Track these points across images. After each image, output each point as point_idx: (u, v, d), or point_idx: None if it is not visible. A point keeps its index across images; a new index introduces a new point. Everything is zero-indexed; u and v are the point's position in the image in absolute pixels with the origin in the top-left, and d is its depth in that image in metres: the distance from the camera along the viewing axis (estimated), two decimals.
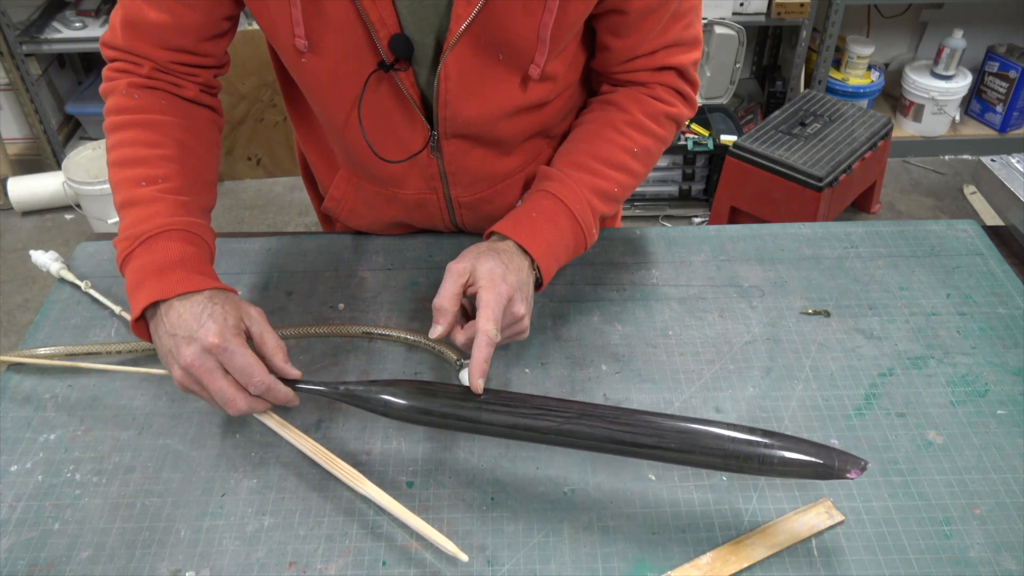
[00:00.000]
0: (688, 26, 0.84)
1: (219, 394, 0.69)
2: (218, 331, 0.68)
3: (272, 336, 0.73)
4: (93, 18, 2.56)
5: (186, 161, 0.79)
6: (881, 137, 2.26)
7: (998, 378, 0.82)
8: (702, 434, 0.65)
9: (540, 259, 0.78)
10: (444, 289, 0.73)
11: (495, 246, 0.77)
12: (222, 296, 0.72)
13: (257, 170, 2.79)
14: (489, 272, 0.73)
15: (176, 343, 0.68)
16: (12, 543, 0.69)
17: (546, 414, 0.67)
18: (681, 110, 0.90)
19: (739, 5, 2.49)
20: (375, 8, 0.73)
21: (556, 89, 0.85)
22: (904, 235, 1.00)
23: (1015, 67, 2.70)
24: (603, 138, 0.86)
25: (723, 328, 0.88)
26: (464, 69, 0.77)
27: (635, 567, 0.67)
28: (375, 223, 1.00)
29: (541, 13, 0.74)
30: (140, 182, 0.76)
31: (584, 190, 0.83)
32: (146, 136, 0.78)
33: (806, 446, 0.64)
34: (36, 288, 2.32)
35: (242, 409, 0.70)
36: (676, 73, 0.87)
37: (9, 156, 2.72)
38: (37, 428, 0.78)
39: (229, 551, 0.68)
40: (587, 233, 0.83)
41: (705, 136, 2.45)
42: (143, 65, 0.80)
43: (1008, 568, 0.66)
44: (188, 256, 0.73)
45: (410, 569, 0.67)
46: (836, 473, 0.63)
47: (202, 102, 0.85)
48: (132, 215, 0.75)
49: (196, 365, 0.68)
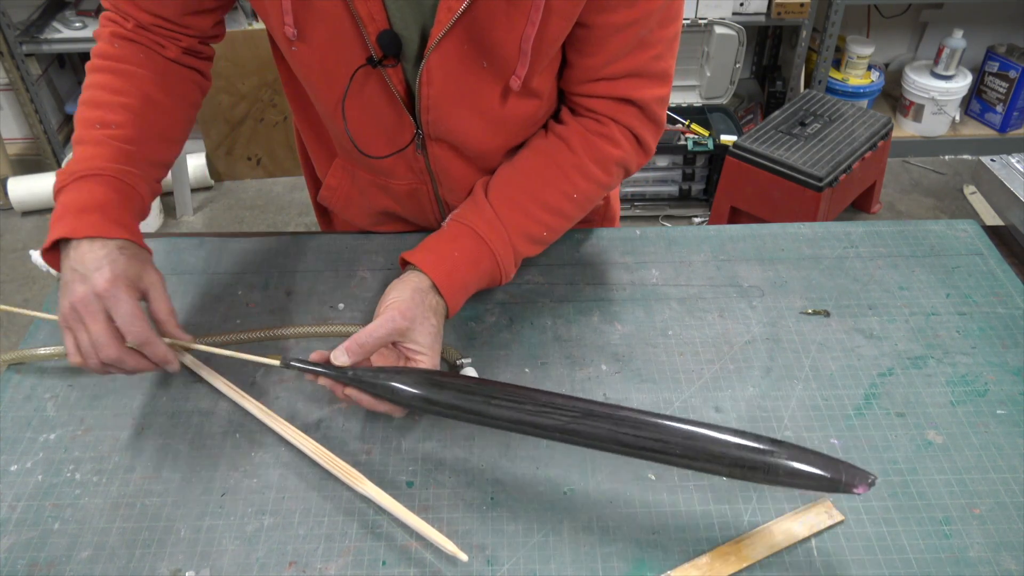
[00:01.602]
0: (657, 58, 0.81)
1: (95, 335, 0.70)
2: (111, 278, 0.70)
3: (166, 302, 0.75)
4: (93, 18, 2.56)
5: (146, 114, 0.81)
6: (881, 137, 2.26)
7: (998, 378, 0.82)
8: (707, 440, 0.64)
9: (450, 300, 0.79)
10: (376, 336, 0.73)
11: (425, 298, 0.77)
12: (132, 250, 0.74)
13: (257, 170, 2.80)
14: (431, 347, 0.75)
15: (73, 278, 0.71)
16: (12, 543, 0.69)
17: (551, 412, 0.67)
18: (632, 157, 0.87)
19: (739, 5, 2.50)
20: (364, 3, 0.73)
21: (541, 106, 0.85)
22: (904, 235, 1.00)
23: (1015, 67, 2.70)
24: (546, 179, 0.85)
25: (723, 328, 0.88)
26: (448, 72, 0.78)
27: (635, 567, 0.67)
28: (369, 214, 1.00)
29: (524, 25, 0.74)
30: (95, 124, 0.79)
31: (513, 234, 0.83)
32: (113, 83, 0.81)
33: (813, 457, 0.62)
34: (36, 288, 2.32)
35: (112, 356, 0.70)
36: (638, 110, 0.84)
37: (9, 156, 2.72)
38: (37, 428, 0.78)
39: (229, 551, 0.68)
40: (504, 275, 0.84)
41: (705, 136, 2.45)
42: (128, 21, 0.83)
43: (1008, 568, 0.66)
44: (110, 202, 0.75)
45: (410, 569, 0.67)
46: (843, 487, 0.61)
47: (184, 63, 0.86)
48: (78, 152, 0.78)
49: (83, 304, 0.70)
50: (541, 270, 0.95)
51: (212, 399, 0.80)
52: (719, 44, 2.48)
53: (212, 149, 2.71)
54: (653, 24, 0.78)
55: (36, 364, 0.85)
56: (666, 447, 0.64)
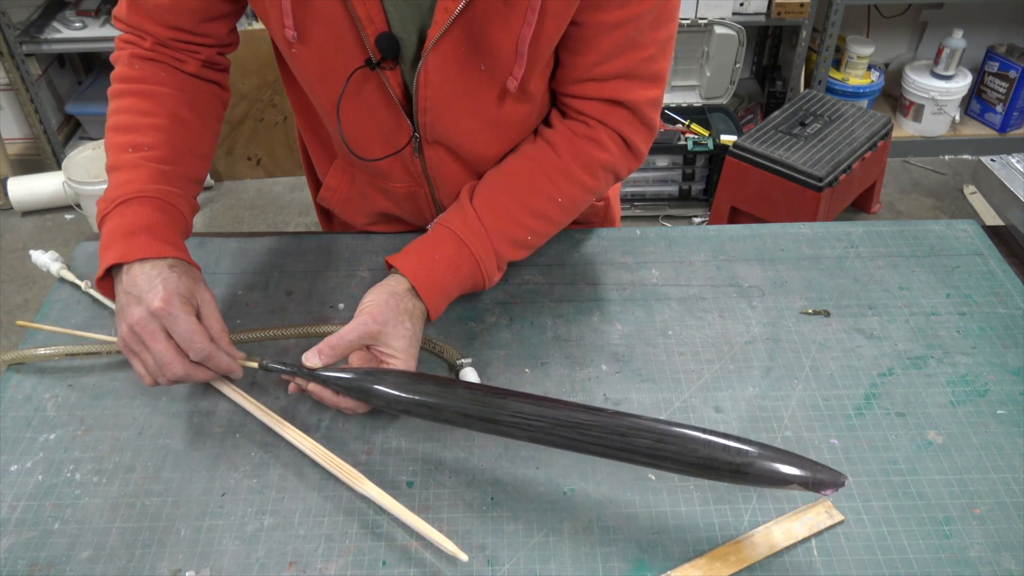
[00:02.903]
0: (649, 59, 0.80)
1: (159, 355, 0.71)
2: (165, 296, 0.71)
3: (218, 320, 0.75)
4: (93, 18, 2.56)
5: (176, 132, 0.82)
6: (881, 137, 2.26)
7: (998, 378, 0.82)
8: (675, 440, 0.63)
9: (430, 303, 0.80)
10: (347, 339, 0.74)
11: (401, 301, 0.77)
12: (182, 267, 0.74)
13: (257, 170, 2.80)
14: (405, 350, 0.76)
15: (127, 301, 0.72)
16: (12, 543, 0.69)
17: (520, 422, 0.67)
18: (621, 161, 0.86)
19: (739, 5, 2.50)
20: (363, 5, 0.74)
21: (535, 109, 0.85)
22: (904, 235, 1.00)
23: (1015, 67, 2.70)
24: (530, 183, 0.85)
25: (723, 328, 0.88)
26: (446, 74, 0.78)
27: (635, 567, 0.67)
28: (368, 215, 1.00)
29: (520, 26, 0.74)
30: (128, 148, 0.80)
31: (495, 238, 0.83)
32: (140, 105, 0.82)
33: (783, 458, 0.61)
34: (36, 288, 2.32)
35: (178, 374, 0.71)
36: (628, 112, 0.83)
37: (9, 156, 2.72)
38: (37, 428, 0.78)
39: (229, 551, 0.68)
40: (487, 279, 0.84)
41: (705, 136, 2.45)
42: (146, 39, 0.83)
43: (1008, 568, 0.66)
44: (156, 223, 0.76)
45: (410, 569, 0.67)
46: (811, 488, 0.61)
47: (204, 76, 0.87)
48: (115, 179, 0.78)
49: (141, 325, 0.70)
50: (541, 270, 0.95)
51: (212, 399, 0.80)
52: (719, 44, 2.48)
53: None
54: (645, 25, 0.77)
55: (36, 364, 0.85)
56: (632, 458, 0.65)
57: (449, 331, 0.87)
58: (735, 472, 0.62)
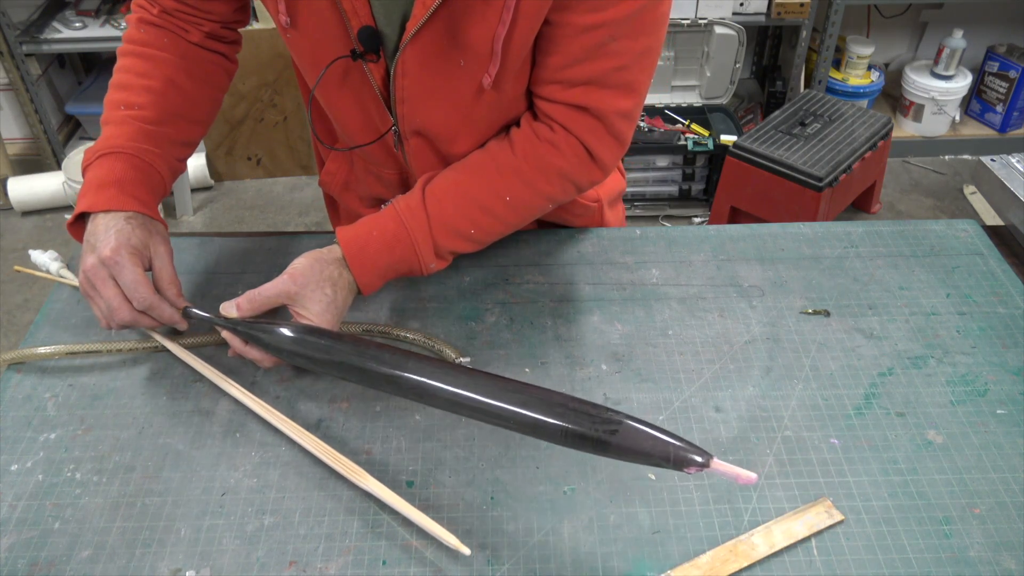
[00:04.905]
0: (621, 69, 0.78)
1: (107, 300, 0.76)
2: (115, 246, 0.76)
3: (169, 273, 0.80)
4: (93, 18, 2.56)
5: (168, 95, 0.86)
6: (881, 137, 2.26)
7: (998, 378, 0.82)
8: (540, 406, 0.63)
9: (359, 276, 0.81)
10: (264, 295, 0.77)
11: (326, 268, 0.79)
12: (140, 220, 0.79)
13: (257, 170, 2.80)
14: (319, 315, 0.77)
15: (86, 248, 0.77)
16: (12, 542, 0.69)
17: (394, 377, 0.68)
18: (578, 169, 0.84)
19: (739, 5, 2.50)
20: None
21: (513, 107, 0.85)
22: (904, 235, 1.00)
23: (1015, 67, 2.71)
24: (481, 177, 0.84)
25: (723, 328, 0.88)
26: (423, 65, 0.78)
27: (635, 567, 0.67)
28: (365, 200, 1.02)
29: (495, 24, 0.74)
30: (120, 105, 0.84)
31: (436, 225, 0.82)
32: (139, 66, 0.86)
33: (645, 437, 0.59)
34: (36, 288, 2.33)
35: (125, 319, 0.77)
36: (596, 121, 0.81)
37: (9, 156, 2.72)
38: (37, 428, 0.78)
39: (229, 550, 0.68)
40: (422, 264, 0.83)
41: (705, 136, 2.45)
42: (154, 6, 0.87)
43: (1008, 567, 0.66)
44: (127, 179, 0.80)
45: (410, 568, 0.67)
46: (672, 465, 0.58)
47: (207, 47, 0.90)
48: (104, 132, 0.84)
49: (92, 271, 0.76)
50: (541, 270, 0.95)
51: (212, 399, 0.81)
52: (719, 44, 2.48)
53: (212, 149, 2.71)
54: (621, 33, 0.75)
55: (36, 364, 0.85)
56: (501, 410, 0.64)
57: (449, 331, 0.87)
58: (598, 443, 0.60)
